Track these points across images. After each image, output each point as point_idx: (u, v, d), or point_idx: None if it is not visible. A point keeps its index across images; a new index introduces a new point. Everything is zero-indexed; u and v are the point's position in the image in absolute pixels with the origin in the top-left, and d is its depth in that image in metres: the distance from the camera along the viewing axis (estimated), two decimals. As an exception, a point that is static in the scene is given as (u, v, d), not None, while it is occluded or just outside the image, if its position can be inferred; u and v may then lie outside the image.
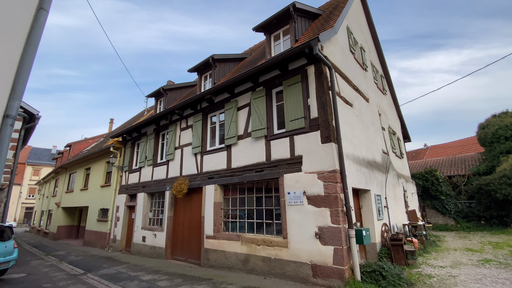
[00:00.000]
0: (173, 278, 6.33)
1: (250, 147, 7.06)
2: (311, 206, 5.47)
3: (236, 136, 7.46)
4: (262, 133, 6.73)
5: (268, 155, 6.59)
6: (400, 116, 13.43)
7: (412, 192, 11.63)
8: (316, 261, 5.19)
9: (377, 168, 7.85)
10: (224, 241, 7.04)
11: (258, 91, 7.17)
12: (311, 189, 5.54)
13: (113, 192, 12.86)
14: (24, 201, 40.11)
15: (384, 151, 9.08)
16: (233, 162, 7.43)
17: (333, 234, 5.05)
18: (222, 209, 7.61)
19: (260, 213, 6.72)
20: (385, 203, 7.65)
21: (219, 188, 7.71)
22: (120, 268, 7.83)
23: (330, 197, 5.24)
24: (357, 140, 6.92)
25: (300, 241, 5.51)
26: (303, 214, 5.55)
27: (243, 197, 7.20)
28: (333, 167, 5.34)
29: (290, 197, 5.84)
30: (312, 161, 5.67)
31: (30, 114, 9.42)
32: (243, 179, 6.99)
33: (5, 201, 8.49)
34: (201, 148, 8.54)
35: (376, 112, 9.38)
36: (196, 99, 8.65)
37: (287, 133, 6.29)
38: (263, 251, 6.11)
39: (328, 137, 5.55)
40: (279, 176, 6.19)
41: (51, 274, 7.47)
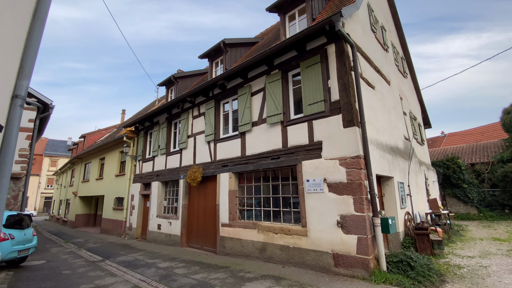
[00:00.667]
0: (190, 266, 6.29)
1: (266, 134, 6.79)
2: (333, 193, 5.20)
3: (250, 123, 7.20)
4: (278, 119, 6.44)
5: (285, 142, 6.31)
6: (420, 100, 12.76)
7: (433, 180, 11.14)
8: (338, 250, 4.97)
9: (400, 154, 7.45)
10: (240, 229, 6.91)
11: (273, 75, 6.82)
12: (332, 176, 5.26)
13: (128, 181, 12.98)
14: (43, 191, 41.73)
15: (406, 137, 8.61)
16: (248, 150, 7.21)
17: (357, 223, 4.79)
18: (237, 197, 7.46)
19: (276, 201, 6.52)
20: (407, 191, 7.28)
21: (234, 176, 7.53)
22: (137, 255, 7.90)
23: (353, 184, 4.94)
24: (380, 124, 6.52)
25: (320, 229, 5.29)
26: (324, 202, 5.30)
27: (259, 185, 7.00)
28: (357, 153, 5.01)
29: (309, 184, 5.58)
30: (333, 147, 5.36)
31: (44, 103, 9.45)
32: (259, 166, 6.76)
33: (23, 190, 8.65)
34: (214, 136, 8.34)
35: (398, 96, 8.86)
36: (208, 86, 8.39)
37: (305, 118, 5.97)
38: (281, 239, 5.94)
39: (351, 121, 5.20)
40: (297, 163, 5.92)
41: (71, 261, 7.62)
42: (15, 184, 8.43)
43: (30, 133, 9.13)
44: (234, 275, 5.36)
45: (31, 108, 9.28)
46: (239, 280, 5.01)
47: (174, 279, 5.33)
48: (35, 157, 43.90)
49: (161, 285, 5.00)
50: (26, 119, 9.16)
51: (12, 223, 6.47)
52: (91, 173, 18.07)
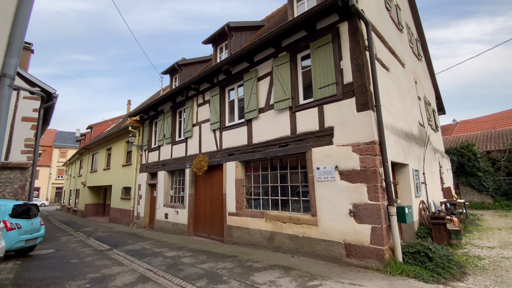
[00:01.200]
0: (197, 255, 6.20)
1: (273, 121, 6.50)
2: (345, 181, 4.93)
3: (257, 109, 6.90)
4: (286, 104, 6.12)
5: (294, 128, 6.01)
6: (435, 85, 12.16)
7: (447, 168, 10.73)
8: (351, 240, 4.75)
9: (415, 141, 7.07)
10: (248, 218, 6.75)
11: (281, 57, 6.45)
12: (344, 164, 4.98)
13: (134, 171, 12.96)
14: (54, 182, 42.72)
15: (420, 123, 8.19)
16: (255, 138, 6.95)
17: (371, 212, 4.54)
18: (244, 186, 7.27)
19: (284, 190, 6.29)
20: (422, 179, 6.95)
21: (240, 165, 7.32)
22: (144, 244, 7.88)
23: (367, 171, 4.65)
24: (395, 109, 6.14)
25: (331, 219, 5.06)
26: (335, 190, 5.05)
27: (266, 174, 6.78)
28: (371, 138, 4.70)
29: (319, 172, 5.32)
30: (346, 133, 5.05)
31: (47, 93, 9.31)
32: (266, 155, 6.52)
33: (30, 180, 8.65)
34: (220, 124, 8.09)
35: (412, 80, 8.38)
36: (213, 71, 8.07)
37: (315, 102, 5.64)
38: (290, 228, 5.75)
39: (365, 104, 4.85)
40: (307, 150, 5.64)
41: (79, 249, 7.64)
42: (22, 174, 8.43)
43: (35, 123, 9.05)
44: (242, 264, 5.23)
45: (35, 98, 9.17)
46: (247, 270, 4.86)
47: (181, 268, 5.22)
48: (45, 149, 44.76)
49: (168, 274, 4.90)
50: (30, 108, 9.06)
51: (19, 213, 6.45)
52: (98, 164, 18.19)
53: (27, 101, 9.05)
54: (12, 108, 8.72)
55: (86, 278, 4.87)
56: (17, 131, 8.69)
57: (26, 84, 8.95)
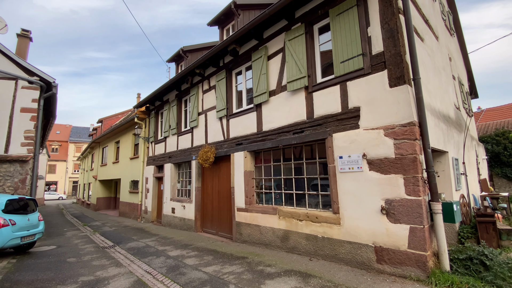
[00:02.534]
0: (203, 255, 5.57)
1: (286, 104, 5.68)
2: (375, 172, 4.08)
3: (267, 92, 6.09)
4: (301, 84, 5.27)
5: (310, 112, 5.18)
6: (467, 66, 10.83)
7: (483, 158, 9.56)
8: (382, 243, 3.93)
9: (453, 125, 6.07)
10: (258, 214, 6.04)
11: (294, 30, 5.57)
12: (374, 151, 4.12)
13: (141, 164, 12.53)
14: (71, 176, 43.83)
15: (456, 105, 7.11)
16: (265, 124, 6.16)
17: (409, 209, 3.69)
18: (254, 178, 6.54)
19: (300, 183, 5.51)
20: (462, 169, 5.96)
21: (249, 155, 6.57)
22: (148, 241, 7.37)
23: (404, 159, 3.78)
24: (432, 86, 5.16)
25: (357, 217, 4.24)
26: (362, 183, 4.21)
27: (279, 165, 6.00)
28: (409, 119, 3.80)
29: (342, 162, 4.49)
30: (376, 113, 4.17)
31: (46, 82, 8.86)
32: (278, 143, 5.73)
33: (31, 174, 8.29)
34: (227, 111, 7.34)
35: (446, 55, 7.26)
36: (218, 52, 7.27)
37: (336, 79, 4.76)
38: (307, 227, 4.99)
39: (401, 78, 3.94)
40: (326, 136, 4.81)
41: (81, 246, 7.23)
42: (22, 167, 8.07)
43: (35, 114, 8.64)
44: (252, 268, 4.53)
45: (34, 88, 8.73)
46: (258, 276, 4.16)
47: (183, 272, 4.60)
48: (61, 144, 45.88)
49: (167, 279, 4.28)
50: (29, 99, 8.64)
51: (14, 209, 6.03)
52: (108, 157, 18.01)
53: (26, 91, 8.62)
54: (11, 98, 8.33)
55: (78, 282, 4.33)
56: (16, 123, 8.30)
57: (24, 73, 8.51)
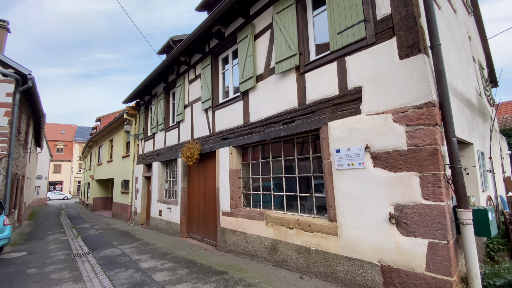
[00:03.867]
0: (178, 268, 4.76)
1: (274, 89, 4.79)
2: (381, 169, 3.16)
3: (254, 77, 5.21)
4: (292, 64, 4.38)
5: (302, 97, 4.28)
6: (486, 51, 9.68)
7: (506, 153, 8.45)
8: (391, 261, 3.02)
9: (477, 112, 5.07)
10: (244, 219, 5.18)
11: (283, 0, 4.66)
12: (380, 142, 3.20)
13: (132, 163, 11.83)
14: (76, 176, 43.90)
15: (477, 90, 6.08)
16: (252, 115, 5.29)
17: (428, 218, 2.76)
18: (241, 178, 5.68)
19: (291, 183, 4.62)
20: (488, 165, 4.97)
21: (235, 152, 5.71)
22: (127, 248, 6.61)
23: (420, 152, 2.86)
24: (452, 63, 4.19)
25: (359, 226, 3.34)
26: (365, 183, 3.30)
27: (267, 162, 5.13)
28: (427, 98, 2.87)
29: (340, 157, 3.58)
30: (382, 94, 3.25)
31: (22, 75, 8.19)
32: (266, 136, 4.85)
33: (5, 174, 7.63)
34: (212, 101, 6.49)
35: (466, 33, 6.23)
36: (201, 35, 6.39)
37: (333, 54, 3.85)
38: (298, 237, 4.11)
39: (414, 46, 3.01)
40: (320, 125, 3.91)
41: (52, 253, 6.52)
42: (-7, 167, 7.43)
43: (9, 109, 7.98)
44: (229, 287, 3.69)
45: (8, 81, 8.07)
46: (233, 300, 3.31)
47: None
48: (66, 144, 46.01)
49: (122, 303, 3.47)
50: (4, 93, 7.98)
51: (-30, 212, 5.34)
52: (103, 156, 17.46)
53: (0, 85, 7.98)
54: (-19, 92, 7.68)
55: (16, 305, 3.56)
56: (-13, 118, 7.66)
57: (-4, 64, 7.86)
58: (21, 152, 10.54)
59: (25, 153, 11.49)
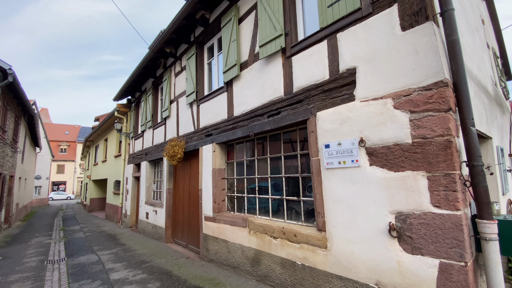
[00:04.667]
0: (149, 281, 4.20)
1: (259, 78, 4.19)
2: (378, 168, 2.54)
3: (238, 65, 4.62)
4: (277, 46, 3.77)
5: (288, 84, 3.67)
6: (499, 40, 8.91)
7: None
8: (392, 285, 2.39)
9: (494, 102, 4.39)
10: (226, 226, 4.59)
11: (268, -26, 4.06)
12: (377, 134, 2.58)
13: (123, 162, 11.36)
14: (79, 176, 43.90)
15: (492, 79, 5.38)
16: (236, 108, 4.70)
17: (439, 232, 2.13)
18: (225, 179, 5.09)
19: (278, 184, 4.02)
20: (508, 163, 4.28)
21: (219, 149, 5.13)
22: (106, 254, 6.09)
23: (429, 145, 2.23)
24: (465, 42, 3.53)
25: (352, 239, 2.71)
26: (359, 186, 2.68)
27: (252, 161, 4.53)
28: (437, 76, 2.24)
29: (329, 153, 2.97)
30: (380, 74, 2.62)
31: (1, 69, 7.77)
32: (249, 130, 4.26)
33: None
34: (196, 94, 5.93)
35: (478, 16, 5.53)
36: (183, 21, 5.82)
37: (323, 32, 3.23)
38: (282, 249, 3.50)
39: (420, 12, 2.38)
40: (308, 116, 3.30)
41: (26, 259, 6.04)
42: (-34, 166, 7.00)
43: (-13, 105, 7.57)
44: (200, 310, 3.10)
45: (-13, 75, 7.66)
46: (198, 327, 2.72)
47: (103, 312, 3.23)
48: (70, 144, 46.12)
49: (69, 327, 2.92)
50: (-19, 88, 7.58)
51: None
52: (99, 156, 17.09)
53: (-23, 80, 7.57)
54: (-44, 87, 7.28)
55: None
56: (-38, 115, 7.25)
57: (-28, 58, 7.43)
58: (8, 152, 10.15)
59: (13, 152, 11.11)
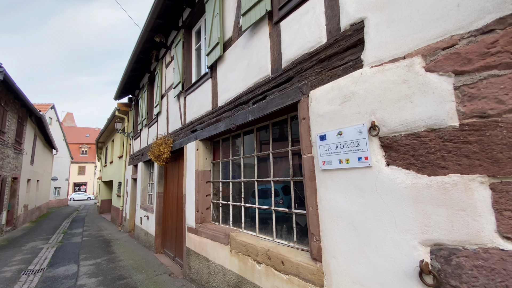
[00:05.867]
0: (114, 307, 3.46)
1: (243, 56, 3.33)
2: (401, 170, 1.58)
3: (221, 43, 3.79)
4: (262, 10, 2.90)
5: (276, 58, 2.78)
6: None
7: None
8: None
9: None
10: (208, 241, 3.76)
11: None
12: (398, 114, 1.62)
13: (124, 164, 10.94)
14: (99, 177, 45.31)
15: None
16: (220, 96, 3.87)
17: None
18: (211, 182, 4.27)
19: (266, 190, 3.13)
20: None
21: (203, 147, 4.32)
22: (87, 266, 5.50)
23: (493, 129, 1.25)
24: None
25: (360, 278, 1.77)
26: (372, 196, 1.73)
27: (238, 160, 3.67)
28: (503, 8, 1.26)
29: (326, 147, 2.03)
30: (400, 22, 1.66)
31: (-7, 67, 7.50)
32: (231, 122, 3.40)
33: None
34: (183, 85, 5.17)
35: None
36: (166, 1, 5.10)
37: (316, -21, 2.31)
38: (267, 279, 2.60)
39: None
40: (298, 98, 2.39)
41: (5, 268, 5.59)
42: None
43: (-22, 105, 7.32)
44: None
45: (-22, 74, 7.42)
46: None
47: None
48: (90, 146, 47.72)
49: None
50: (-27, 87, 7.34)
51: None
52: (108, 157, 17.00)
53: (-32, 79, 7.34)
54: None
55: None
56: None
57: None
58: (9, 153, 10.03)
59: (17, 154, 11.03)
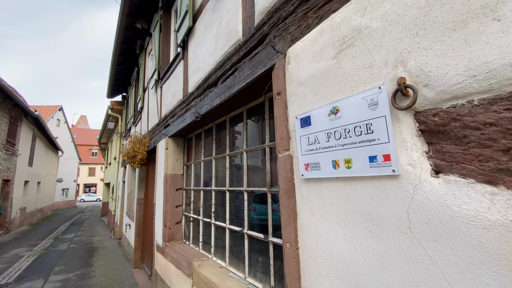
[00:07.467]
0: None
1: (213, 22, 2.47)
2: (471, 185, 0.67)
3: (191, 13, 2.96)
4: (231, -48, 2.03)
5: (249, 15, 1.90)
6: None
7: None
8: None
9: None
10: (172, 267, 2.90)
11: None
12: (460, 55, 0.71)
13: (116, 165, 10.33)
14: (107, 178, 45.71)
15: None
16: (190, 79, 3.02)
17: None
18: (183, 189, 3.43)
19: (239, 203, 2.25)
20: None
21: (173, 145, 3.49)
22: (55, 281, 4.80)
23: None
24: None
25: None
26: (403, 240, 0.82)
27: (209, 161, 2.81)
28: None
29: (310, 137, 1.13)
30: None
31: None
32: (196, 110, 2.55)
33: None
34: (158, 72, 4.38)
35: None
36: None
37: None
38: (235, 338, 1.71)
39: None
40: (273, 61, 1.49)
41: (-38, 284, 4.94)
42: None
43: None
44: None
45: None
46: None
47: None
48: (100, 148, 48.23)
49: None
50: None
51: None
52: (108, 158, 16.59)
53: None
54: None
55: None
56: None
57: None
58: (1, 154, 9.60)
59: (10, 155, 10.62)
